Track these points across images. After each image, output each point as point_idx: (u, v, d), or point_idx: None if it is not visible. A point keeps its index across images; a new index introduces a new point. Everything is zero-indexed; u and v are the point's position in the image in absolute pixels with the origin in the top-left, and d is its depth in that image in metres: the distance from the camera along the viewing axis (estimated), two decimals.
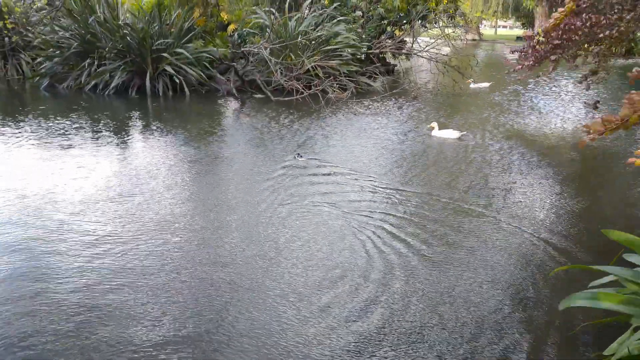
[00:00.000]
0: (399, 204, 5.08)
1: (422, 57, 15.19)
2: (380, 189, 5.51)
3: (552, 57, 4.33)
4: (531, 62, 4.33)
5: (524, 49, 4.66)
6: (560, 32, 4.10)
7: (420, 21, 16.00)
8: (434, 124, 8.11)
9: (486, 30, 54.55)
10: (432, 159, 7.00)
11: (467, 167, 6.53)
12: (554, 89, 14.07)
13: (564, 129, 9.11)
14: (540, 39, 4.24)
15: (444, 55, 14.84)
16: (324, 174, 6.15)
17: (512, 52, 5.08)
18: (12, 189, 5.26)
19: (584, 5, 4.09)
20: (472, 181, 5.91)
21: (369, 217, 4.69)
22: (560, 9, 3.92)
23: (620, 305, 2.49)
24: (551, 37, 4.11)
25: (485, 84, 14.06)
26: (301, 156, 6.75)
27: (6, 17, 13.99)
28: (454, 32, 17.39)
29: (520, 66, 4.51)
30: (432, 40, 15.71)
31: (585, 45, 4.68)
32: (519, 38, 46.18)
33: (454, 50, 15.99)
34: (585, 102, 11.32)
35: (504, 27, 65.38)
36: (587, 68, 5.93)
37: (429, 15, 15.84)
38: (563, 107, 11.30)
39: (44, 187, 5.36)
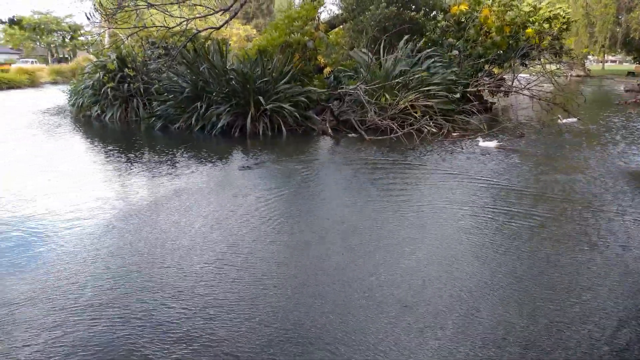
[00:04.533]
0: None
1: (523, 94, 14.62)
2: None
3: None
4: None
5: None
6: None
7: (520, 59, 15.49)
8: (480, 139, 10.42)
9: (592, 65, 51.39)
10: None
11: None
12: None
13: None
14: None
15: (547, 92, 14.22)
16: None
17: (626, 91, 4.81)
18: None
19: None
20: None
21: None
22: None
23: None
24: None
25: (574, 119, 13.67)
26: (249, 167, 8.10)
27: (129, 65, 15.71)
28: (557, 68, 16.61)
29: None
30: (534, 78, 15.13)
31: None
32: (630, 73, 42.79)
33: (557, 87, 15.24)
34: None
35: (613, 61, 61.24)
36: None
37: (531, 53, 15.28)
38: None
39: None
